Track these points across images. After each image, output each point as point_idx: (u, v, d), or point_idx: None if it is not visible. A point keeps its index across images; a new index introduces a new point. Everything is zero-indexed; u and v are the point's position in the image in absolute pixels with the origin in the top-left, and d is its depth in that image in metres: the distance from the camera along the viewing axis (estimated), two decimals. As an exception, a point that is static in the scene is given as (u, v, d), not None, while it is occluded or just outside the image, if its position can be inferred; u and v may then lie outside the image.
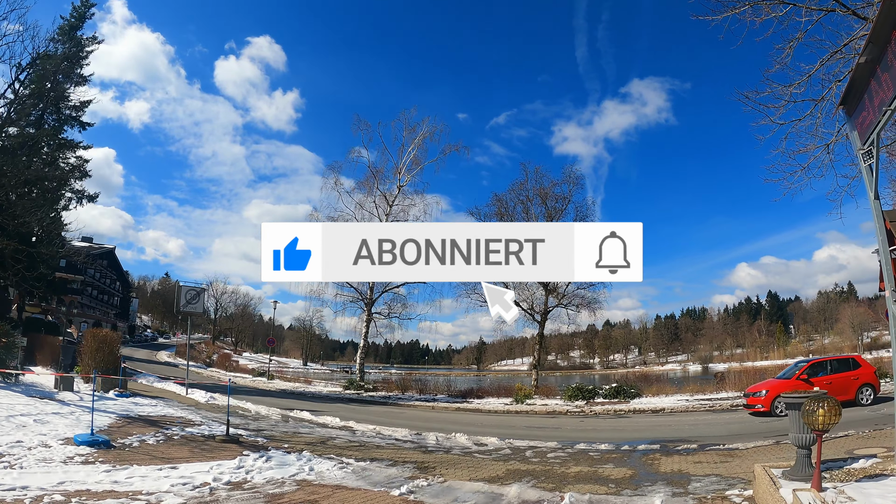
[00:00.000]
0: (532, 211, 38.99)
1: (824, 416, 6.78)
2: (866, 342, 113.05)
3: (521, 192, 39.55)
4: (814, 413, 6.88)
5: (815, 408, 6.88)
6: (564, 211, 39.19)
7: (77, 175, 41.91)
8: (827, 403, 6.84)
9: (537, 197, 39.03)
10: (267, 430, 16.38)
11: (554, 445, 15.03)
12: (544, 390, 32.96)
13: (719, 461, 11.64)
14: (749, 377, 29.50)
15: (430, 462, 12.32)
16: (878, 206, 8.85)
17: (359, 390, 36.84)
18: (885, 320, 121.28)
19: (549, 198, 38.90)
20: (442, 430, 17.66)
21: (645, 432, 18.40)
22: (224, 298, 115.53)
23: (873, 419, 15.45)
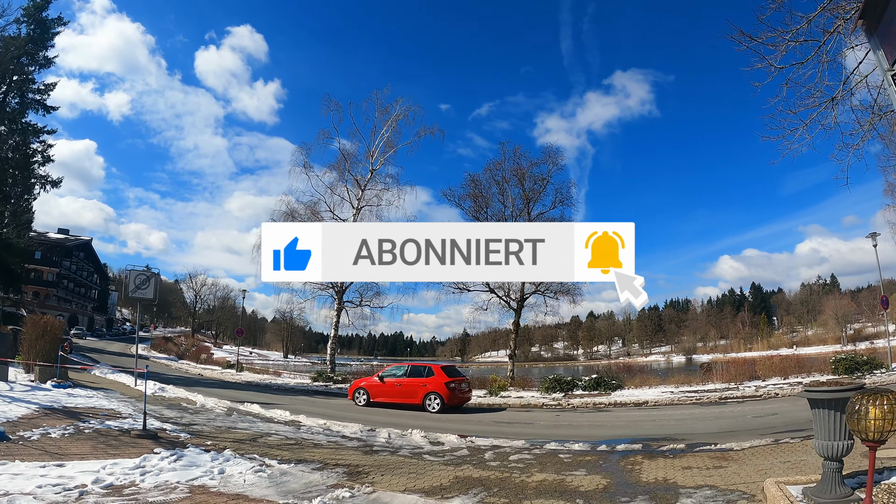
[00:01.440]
0: (508, 192, 37.13)
1: (880, 419, 4.74)
2: (850, 334, 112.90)
3: (498, 173, 37.63)
4: (863, 416, 4.84)
5: (865, 408, 4.83)
6: (543, 192, 37.18)
7: (41, 160, 40.28)
8: (886, 400, 4.79)
9: (514, 177, 36.95)
10: (200, 425, 14.98)
11: (521, 445, 13.05)
12: (521, 382, 31.11)
13: (712, 466, 9.67)
14: (737, 368, 27.89)
15: (367, 466, 10.39)
16: None
17: (327, 382, 35.22)
18: (867, 313, 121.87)
19: (527, 178, 36.88)
20: (399, 426, 15.89)
21: (626, 428, 16.53)
22: (204, 291, 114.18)
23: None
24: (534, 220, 36.61)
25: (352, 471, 9.89)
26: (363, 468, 10.14)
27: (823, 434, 5.74)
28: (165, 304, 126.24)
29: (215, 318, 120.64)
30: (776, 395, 21.89)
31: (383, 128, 41.85)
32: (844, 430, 5.58)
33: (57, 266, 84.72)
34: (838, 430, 5.53)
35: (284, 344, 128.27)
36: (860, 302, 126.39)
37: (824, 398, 5.75)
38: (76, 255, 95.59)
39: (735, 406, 20.04)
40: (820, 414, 5.78)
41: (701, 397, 22.41)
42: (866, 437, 4.96)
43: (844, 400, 5.52)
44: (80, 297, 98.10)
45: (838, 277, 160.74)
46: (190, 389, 23.65)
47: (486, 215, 36.76)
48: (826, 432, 5.69)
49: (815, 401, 5.89)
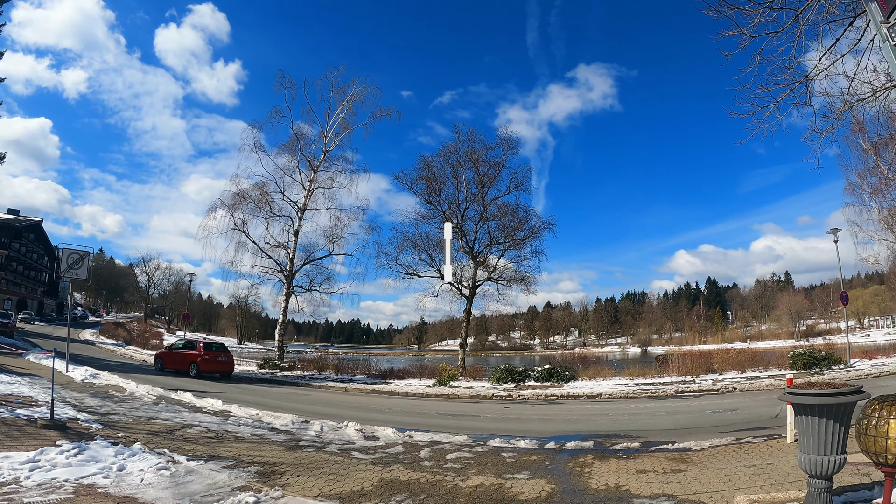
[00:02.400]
0: (462, 176, 35.79)
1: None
2: (803, 329, 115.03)
3: (452, 156, 36.26)
4: (883, 434, 3.80)
5: (885, 422, 3.76)
6: (497, 177, 36.02)
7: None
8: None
9: (469, 161, 35.68)
10: (119, 415, 13.76)
11: (462, 441, 11.97)
12: (471, 371, 30.11)
13: (670, 470, 8.66)
14: (693, 361, 27.25)
15: (285, 464, 9.23)
16: None
17: (274, 370, 34.03)
18: (820, 309, 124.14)
19: (482, 163, 35.67)
20: (336, 417, 14.83)
21: (577, 423, 15.54)
22: (158, 275, 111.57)
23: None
24: (488, 205, 35.74)
25: (266, 470, 8.76)
26: (280, 467, 9.00)
27: (811, 446, 4.67)
28: (118, 288, 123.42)
29: (169, 304, 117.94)
30: (734, 389, 21.16)
31: (338, 108, 40.28)
32: (837, 442, 4.56)
33: (5, 248, 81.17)
34: (830, 443, 4.50)
35: (239, 330, 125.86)
36: (813, 299, 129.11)
37: (814, 403, 4.68)
38: (26, 237, 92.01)
39: (692, 400, 19.25)
40: (807, 422, 4.72)
41: (657, 390, 21.60)
42: (885, 462, 3.90)
43: (839, 406, 4.50)
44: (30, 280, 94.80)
45: (792, 275, 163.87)
46: (126, 376, 22.28)
47: (438, 199, 35.76)
48: (814, 445, 4.62)
49: (802, 406, 4.82)
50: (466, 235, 35.28)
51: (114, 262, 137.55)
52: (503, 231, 35.31)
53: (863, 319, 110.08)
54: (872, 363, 25.94)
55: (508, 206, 35.91)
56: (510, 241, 35.15)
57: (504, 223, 35.38)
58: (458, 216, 35.15)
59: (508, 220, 35.31)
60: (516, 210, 35.81)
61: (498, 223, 35.64)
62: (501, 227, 35.44)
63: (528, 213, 36.20)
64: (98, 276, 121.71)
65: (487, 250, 35.64)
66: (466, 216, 35.58)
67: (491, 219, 35.69)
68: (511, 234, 35.07)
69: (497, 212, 35.80)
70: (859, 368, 24.21)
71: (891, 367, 23.92)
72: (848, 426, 4.63)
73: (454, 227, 34.68)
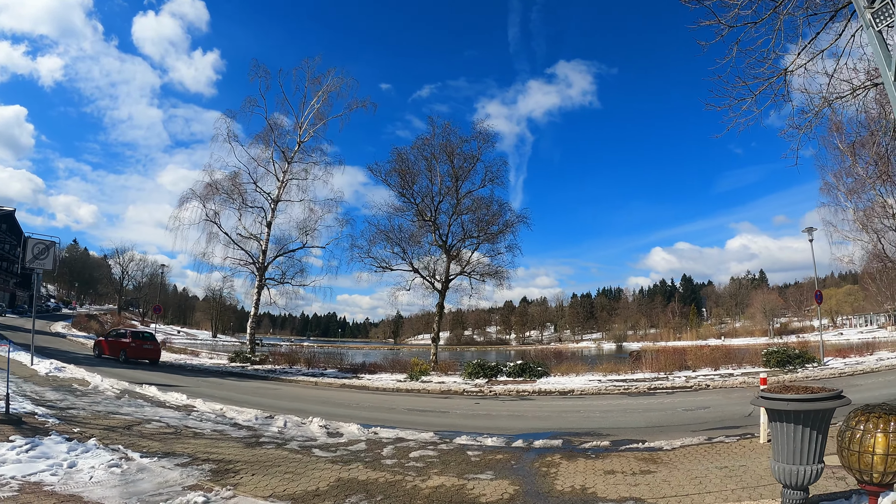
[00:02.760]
0: (437, 169, 35.35)
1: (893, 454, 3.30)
2: (776, 327, 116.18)
3: (427, 149, 35.82)
4: (868, 448, 3.45)
5: (871, 436, 3.41)
6: (472, 171, 35.66)
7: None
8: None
9: (444, 154, 35.21)
10: (78, 409, 13.26)
11: (428, 438, 11.59)
12: (443, 366, 29.76)
13: (639, 471, 8.35)
14: (667, 357, 27.06)
15: (241, 462, 8.82)
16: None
17: (245, 363, 33.52)
18: (794, 308, 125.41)
19: (457, 156, 35.19)
20: (302, 413, 14.47)
21: (547, 420, 15.24)
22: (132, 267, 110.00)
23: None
24: (462, 198, 35.39)
25: (220, 468, 8.34)
26: (235, 465, 8.59)
27: (786, 455, 4.33)
28: (91, 280, 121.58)
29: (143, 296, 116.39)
30: (707, 386, 20.99)
31: (313, 99, 39.73)
32: (814, 451, 4.23)
33: (-27, 238, 79.70)
34: (807, 452, 4.17)
35: (213, 323, 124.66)
36: (787, 297, 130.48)
37: (790, 409, 4.33)
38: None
39: (665, 397, 19.05)
40: (782, 429, 4.39)
41: (629, 387, 21.35)
42: (869, 480, 3.56)
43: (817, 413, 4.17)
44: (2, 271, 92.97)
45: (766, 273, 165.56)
46: (93, 369, 21.76)
47: (412, 192, 35.26)
48: (790, 453, 4.29)
49: (777, 412, 4.49)
50: (440, 229, 35.05)
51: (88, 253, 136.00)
52: (477, 225, 35.04)
53: (836, 318, 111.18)
54: (846, 362, 25.95)
55: (483, 199, 35.72)
56: (484, 234, 34.87)
57: (478, 217, 35.11)
58: (432, 209, 34.85)
59: (483, 214, 35.05)
60: (491, 204, 35.60)
61: (472, 217, 35.41)
62: (475, 221, 35.17)
63: (503, 207, 36.00)
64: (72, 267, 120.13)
65: (461, 244, 35.39)
66: (440, 209, 35.36)
67: (465, 212, 35.44)
68: (485, 228, 34.80)
69: (471, 205, 35.57)
70: (833, 367, 24.16)
71: (864, 365, 23.91)
72: (826, 433, 4.31)
73: (427, 220, 34.30)
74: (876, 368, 23.22)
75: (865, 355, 27.99)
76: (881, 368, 23.26)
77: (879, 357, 26.78)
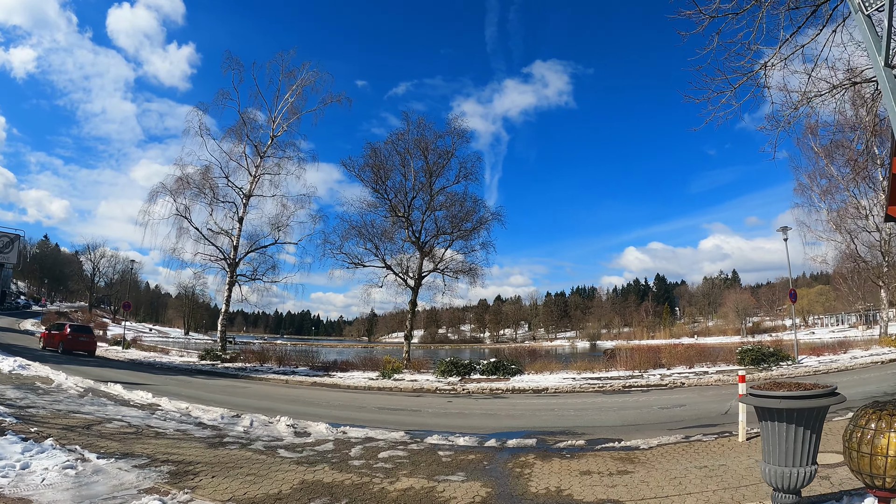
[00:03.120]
0: (411, 165, 34.91)
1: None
2: (749, 326, 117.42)
3: (400, 144, 35.29)
4: (880, 450, 3.12)
5: (884, 436, 3.08)
6: (446, 167, 35.27)
7: None
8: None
9: (417, 149, 34.74)
10: (38, 408, 12.67)
11: (398, 437, 11.22)
12: (417, 364, 29.38)
13: (616, 471, 8.05)
14: (641, 356, 26.91)
15: (202, 463, 8.38)
16: (891, 76, 5.44)
17: (215, 361, 33.11)
18: (766, 307, 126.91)
19: (431, 151, 34.74)
20: (270, 411, 14.16)
21: (521, 419, 14.93)
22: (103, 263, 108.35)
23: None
24: (436, 194, 34.96)
25: (180, 470, 7.89)
26: (195, 467, 8.14)
27: (777, 457, 4.03)
28: (62, 276, 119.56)
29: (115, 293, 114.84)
30: (682, 384, 20.83)
31: (287, 93, 39.34)
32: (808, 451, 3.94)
33: (-61, 233, 77.99)
34: (800, 453, 3.87)
35: (186, 320, 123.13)
36: (759, 297, 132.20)
37: (782, 407, 4.05)
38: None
39: (640, 395, 18.85)
40: (772, 429, 4.10)
41: (604, 385, 21.14)
42: (882, 485, 3.24)
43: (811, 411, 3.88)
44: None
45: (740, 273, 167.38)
46: (58, 367, 21.18)
47: (385, 188, 34.72)
48: (781, 454, 3.99)
49: (768, 410, 4.19)
50: (413, 225, 34.48)
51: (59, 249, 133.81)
52: (451, 221, 34.53)
53: (808, 318, 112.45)
54: (820, 360, 25.97)
55: (457, 195, 35.32)
56: (458, 231, 34.41)
57: (452, 213, 34.64)
58: (405, 205, 34.28)
59: (456, 211, 34.57)
60: (465, 200, 35.16)
61: (446, 213, 34.98)
62: (449, 218, 34.70)
63: (477, 204, 35.55)
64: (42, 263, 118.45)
65: (434, 241, 34.88)
66: (413, 205, 34.87)
67: (438, 208, 35.01)
68: (459, 225, 34.31)
69: (445, 201, 35.19)
70: (808, 365, 24.14)
71: (839, 364, 23.92)
72: (820, 433, 4.00)
73: (401, 216, 33.85)
74: (850, 366, 23.24)
75: (839, 353, 28.04)
76: (855, 367, 23.27)
77: (853, 355, 26.82)
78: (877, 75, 5.62)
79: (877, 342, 31.26)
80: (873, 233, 35.78)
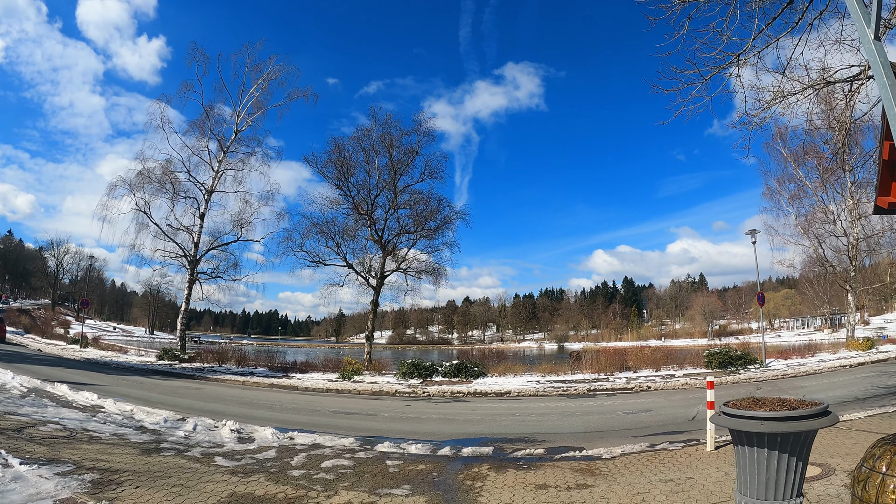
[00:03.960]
0: (375, 162, 33.93)
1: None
2: (715, 329, 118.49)
3: (366, 140, 34.25)
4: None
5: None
6: (411, 164, 34.36)
7: None
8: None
9: (383, 146, 33.81)
10: None
11: (347, 444, 10.54)
12: (378, 366, 28.60)
13: (574, 485, 7.43)
14: (608, 358, 26.45)
15: (129, 471, 7.68)
16: (881, 49, 4.91)
17: (173, 361, 32.09)
18: (732, 310, 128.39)
19: (396, 148, 33.83)
20: (219, 415, 13.43)
21: (480, 424, 14.21)
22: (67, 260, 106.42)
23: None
24: (400, 192, 34.08)
25: (104, 479, 7.16)
26: (121, 475, 7.41)
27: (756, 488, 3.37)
28: (25, 273, 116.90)
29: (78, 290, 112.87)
30: (648, 388, 20.31)
31: (253, 86, 38.31)
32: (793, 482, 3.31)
33: None
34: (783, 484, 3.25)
35: (150, 319, 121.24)
36: (726, 300, 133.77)
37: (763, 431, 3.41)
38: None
39: (605, 399, 18.26)
40: (751, 455, 3.47)
41: (568, 389, 20.56)
42: None
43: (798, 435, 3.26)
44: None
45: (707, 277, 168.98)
46: (8, 366, 20.30)
47: (348, 185, 33.62)
48: (761, 486, 3.34)
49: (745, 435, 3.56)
50: (376, 224, 33.44)
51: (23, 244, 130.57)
52: (414, 220, 33.56)
53: (774, 321, 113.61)
54: (788, 363, 25.69)
55: (421, 194, 34.46)
56: (422, 230, 33.45)
57: (416, 212, 33.60)
58: (369, 203, 33.24)
59: (421, 209, 33.53)
60: (429, 199, 34.25)
61: (409, 212, 34.00)
62: (413, 216, 33.71)
63: (442, 203, 34.40)
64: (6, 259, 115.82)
65: (396, 239, 33.90)
66: (377, 203, 33.83)
67: (402, 207, 34.01)
68: (423, 224, 33.35)
69: (409, 200, 34.26)
70: (776, 368, 23.83)
71: (807, 367, 23.62)
72: (807, 459, 3.38)
73: (363, 214, 32.97)
74: (818, 370, 22.95)
75: (807, 357, 27.85)
76: (823, 370, 23.00)
77: (821, 359, 26.63)
78: (864, 50, 5.10)
79: (844, 345, 31.17)
80: (841, 237, 35.74)
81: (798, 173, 37.55)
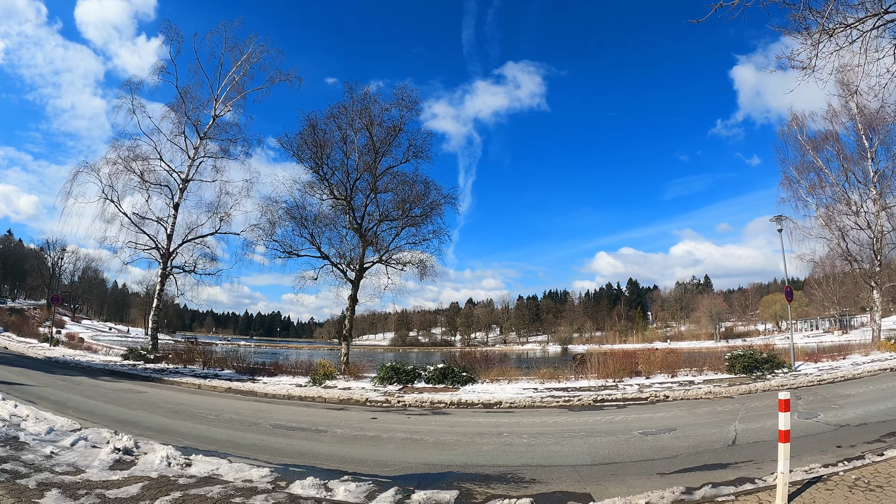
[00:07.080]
0: (355, 141, 29.89)
1: None
2: (722, 331, 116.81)
3: (342, 118, 29.87)
4: None
5: None
6: (394, 143, 30.06)
7: None
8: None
9: (361, 125, 29.66)
10: None
11: (256, 478, 7.50)
12: (354, 369, 25.04)
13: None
14: (616, 362, 23.27)
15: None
16: None
17: (138, 361, 29.45)
18: (738, 312, 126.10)
19: (376, 125, 29.69)
20: (134, 425, 11.93)
21: (453, 449, 10.77)
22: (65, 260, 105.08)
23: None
24: (381, 175, 29.94)
25: None
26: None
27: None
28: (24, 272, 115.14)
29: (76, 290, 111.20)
30: (665, 397, 16.81)
31: (232, 69, 34.86)
32: None
33: None
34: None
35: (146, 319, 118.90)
36: (732, 302, 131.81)
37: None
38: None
39: (615, 413, 14.80)
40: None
41: (571, 398, 17.09)
42: None
43: None
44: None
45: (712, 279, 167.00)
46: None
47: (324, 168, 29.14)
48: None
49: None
50: (355, 210, 29.14)
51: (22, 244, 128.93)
52: (398, 206, 29.19)
53: (780, 322, 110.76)
54: (819, 367, 22.33)
55: (405, 176, 30.14)
56: (406, 217, 29.36)
57: (400, 196, 29.16)
58: (347, 187, 29.11)
59: (405, 193, 29.01)
60: (414, 182, 29.32)
61: (392, 196, 29.71)
62: (396, 201, 29.20)
63: (429, 186, 29.52)
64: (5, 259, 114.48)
65: (377, 227, 29.78)
66: (356, 188, 29.50)
67: (384, 191, 29.63)
68: (407, 210, 29.22)
69: (391, 182, 29.59)
70: (807, 373, 20.51)
71: (842, 371, 20.28)
72: None
73: (341, 199, 29.18)
74: (857, 375, 19.60)
75: (838, 359, 24.53)
76: (862, 374, 19.67)
77: (854, 361, 23.32)
78: None
79: (875, 347, 27.91)
80: (864, 230, 32.59)
81: (818, 161, 34.49)
